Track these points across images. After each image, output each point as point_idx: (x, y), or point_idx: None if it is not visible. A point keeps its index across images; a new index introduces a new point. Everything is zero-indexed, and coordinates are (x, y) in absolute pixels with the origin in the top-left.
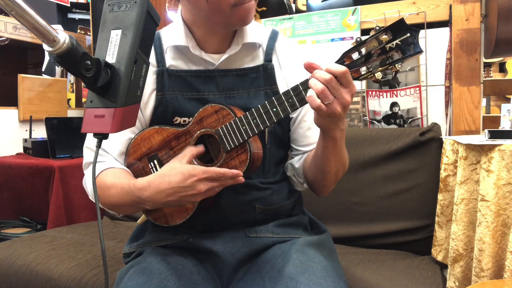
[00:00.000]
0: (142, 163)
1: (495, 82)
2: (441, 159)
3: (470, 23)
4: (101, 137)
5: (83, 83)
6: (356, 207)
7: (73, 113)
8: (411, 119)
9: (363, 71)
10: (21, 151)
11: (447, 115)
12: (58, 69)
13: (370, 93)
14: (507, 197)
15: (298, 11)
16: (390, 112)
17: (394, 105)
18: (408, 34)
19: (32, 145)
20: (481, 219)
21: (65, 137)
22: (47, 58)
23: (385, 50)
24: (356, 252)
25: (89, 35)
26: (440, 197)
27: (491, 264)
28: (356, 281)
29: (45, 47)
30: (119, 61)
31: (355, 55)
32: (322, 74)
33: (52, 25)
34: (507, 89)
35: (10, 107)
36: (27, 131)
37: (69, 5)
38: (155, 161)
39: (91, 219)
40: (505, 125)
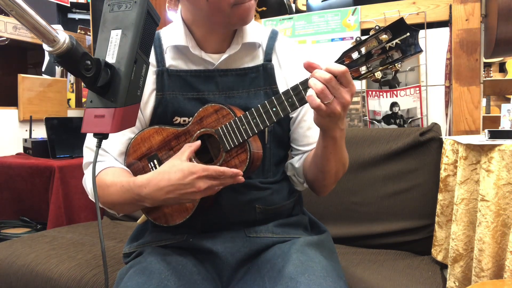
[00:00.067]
0: (142, 163)
1: (495, 82)
2: (441, 159)
3: (470, 23)
4: (101, 137)
5: (83, 83)
6: (356, 207)
7: (73, 113)
8: (411, 119)
9: (363, 70)
10: (21, 151)
11: (447, 115)
12: (58, 69)
13: (370, 93)
14: (507, 197)
15: (298, 11)
16: (390, 112)
17: (394, 105)
18: (407, 33)
19: (32, 145)
20: (481, 219)
21: (65, 137)
22: (47, 58)
23: (385, 49)
24: (356, 252)
25: (89, 35)
26: (440, 197)
27: (491, 264)
28: (356, 281)
29: (45, 47)
30: (119, 61)
31: (355, 55)
32: (321, 73)
33: (52, 25)
34: (507, 89)
35: (10, 107)
36: (27, 131)
37: (69, 5)
38: (155, 161)
39: (91, 219)
40: (505, 125)
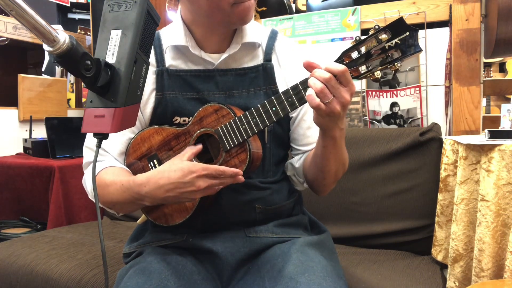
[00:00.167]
0: (142, 163)
1: (495, 82)
2: (441, 159)
3: (470, 23)
4: (101, 137)
5: (83, 83)
6: (356, 207)
7: (73, 113)
8: (411, 119)
9: (362, 70)
10: (21, 151)
11: (447, 115)
12: (58, 69)
13: (370, 93)
14: (507, 197)
15: (298, 11)
16: (390, 112)
17: (394, 105)
18: (407, 33)
19: (32, 145)
20: (481, 219)
21: (65, 137)
22: (47, 58)
23: (384, 49)
24: (356, 252)
25: (89, 35)
26: (440, 197)
27: (491, 264)
28: (356, 281)
29: (45, 47)
30: (119, 61)
31: (355, 54)
32: (321, 73)
33: (52, 25)
34: (507, 89)
35: (10, 107)
36: (27, 131)
37: (69, 5)
38: (154, 161)
39: (91, 219)
40: (505, 125)
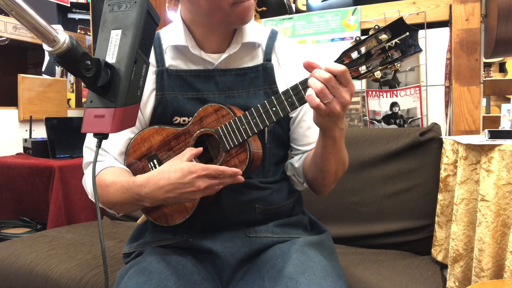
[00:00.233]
0: (141, 163)
1: (495, 82)
2: (441, 159)
3: (470, 23)
4: (101, 137)
5: (83, 83)
6: (356, 207)
7: (73, 113)
8: (411, 119)
9: (362, 70)
10: (21, 151)
11: (447, 115)
12: (58, 69)
13: (370, 93)
14: (507, 197)
15: (298, 11)
16: (390, 112)
17: (394, 105)
18: (407, 33)
19: (32, 145)
20: (481, 219)
21: (65, 137)
22: (47, 58)
23: (384, 49)
24: (356, 252)
25: (89, 35)
26: (440, 197)
27: (491, 264)
28: (356, 281)
29: (45, 47)
30: (119, 61)
31: (355, 54)
32: (321, 73)
33: (52, 25)
34: (507, 89)
35: (10, 107)
36: (27, 131)
37: (69, 5)
38: (154, 161)
39: (91, 219)
40: (505, 125)
